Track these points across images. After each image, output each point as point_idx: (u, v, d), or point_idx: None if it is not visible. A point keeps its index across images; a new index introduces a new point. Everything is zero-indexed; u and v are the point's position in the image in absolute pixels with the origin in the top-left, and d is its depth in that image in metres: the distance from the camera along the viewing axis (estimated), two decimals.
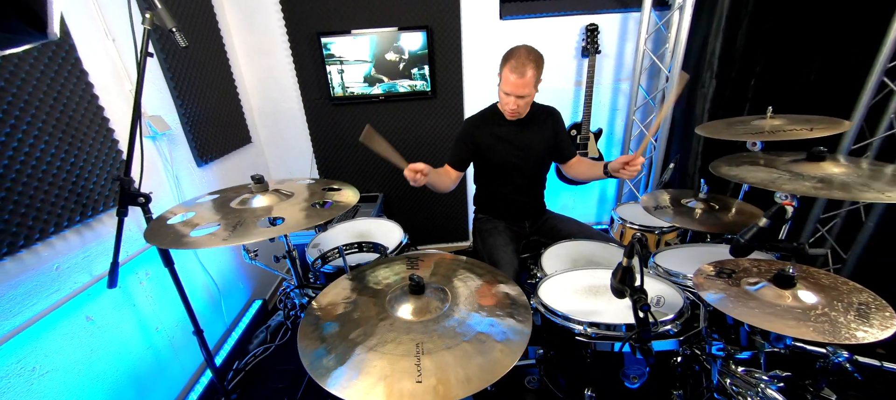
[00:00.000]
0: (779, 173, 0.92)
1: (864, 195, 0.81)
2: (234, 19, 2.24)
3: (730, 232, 1.20)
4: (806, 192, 0.83)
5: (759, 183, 0.88)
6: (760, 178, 0.90)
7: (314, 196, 1.00)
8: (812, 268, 0.79)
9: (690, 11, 2.01)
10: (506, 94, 1.48)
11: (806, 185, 0.86)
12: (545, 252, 1.47)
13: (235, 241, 0.80)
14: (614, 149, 2.72)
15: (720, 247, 1.25)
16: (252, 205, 0.94)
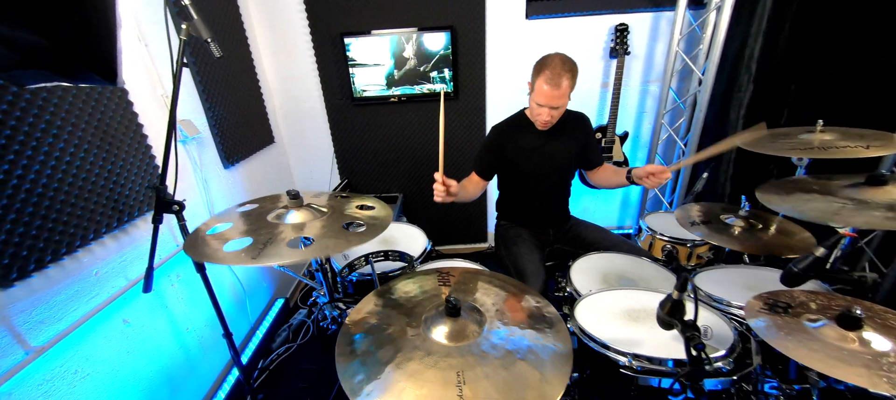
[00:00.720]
0: (840, 203, 0.86)
1: None
2: (258, 18, 2.24)
3: (771, 253, 1.14)
4: (879, 224, 0.78)
5: (820, 217, 0.83)
6: (820, 211, 0.84)
7: (347, 215, 0.99)
8: (877, 306, 0.75)
9: (729, 11, 1.91)
10: (539, 106, 1.44)
11: (877, 216, 0.80)
12: (573, 265, 1.44)
13: (263, 261, 0.79)
14: (640, 152, 2.64)
15: (763, 270, 1.19)
16: (286, 220, 0.93)
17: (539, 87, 1.40)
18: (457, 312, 0.87)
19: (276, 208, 1.00)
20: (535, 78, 1.42)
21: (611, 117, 2.39)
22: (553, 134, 1.60)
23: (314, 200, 1.08)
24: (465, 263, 1.55)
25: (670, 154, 2.55)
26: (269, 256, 0.81)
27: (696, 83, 2.24)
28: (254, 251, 0.82)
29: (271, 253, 0.83)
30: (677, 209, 1.43)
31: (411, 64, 2.29)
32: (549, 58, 1.41)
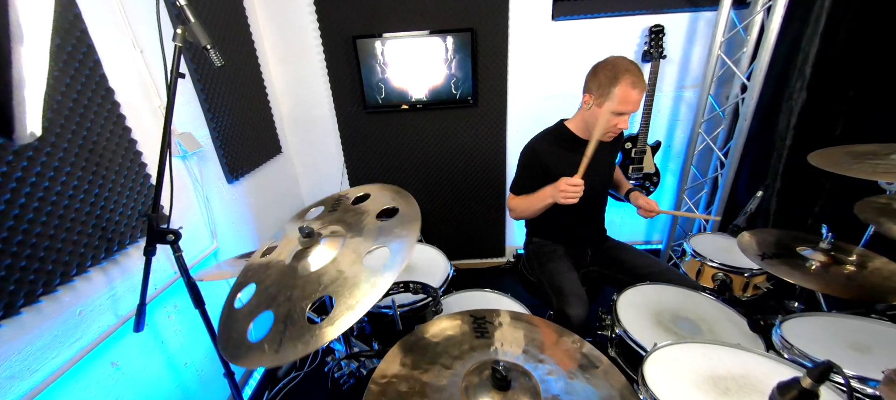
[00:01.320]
0: None
1: None
2: (266, 21, 2.09)
3: (869, 297, 0.97)
4: None
5: None
6: None
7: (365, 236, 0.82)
8: None
9: (782, 10, 1.73)
10: (619, 114, 1.29)
11: None
12: (618, 299, 1.26)
13: (288, 355, 0.63)
14: (673, 162, 2.46)
15: (853, 320, 0.97)
16: (303, 271, 0.77)
17: (623, 94, 1.26)
18: (506, 385, 0.70)
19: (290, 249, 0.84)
20: (610, 86, 1.27)
21: (642, 126, 2.21)
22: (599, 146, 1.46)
23: (327, 224, 0.92)
24: (491, 295, 1.39)
25: (705, 165, 2.36)
26: (291, 347, 0.64)
27: (737, 89, 2.05)
28: (274, 341, 0.66)
29: (297, 338, 0.65)
30: (740, 235, 1.26)
31: (429, 69, 2.13)
32: (619, 61, 1.29)
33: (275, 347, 0.65)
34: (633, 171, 2.34)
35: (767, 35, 1.78)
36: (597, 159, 1.51)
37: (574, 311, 1.30)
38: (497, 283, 2.61)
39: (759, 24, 1.88)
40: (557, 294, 1.40)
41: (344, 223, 0.89)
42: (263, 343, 0.67)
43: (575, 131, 1.49)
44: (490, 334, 0.89)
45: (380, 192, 1.01)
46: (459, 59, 2.10)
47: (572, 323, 1.30)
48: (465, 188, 2.51)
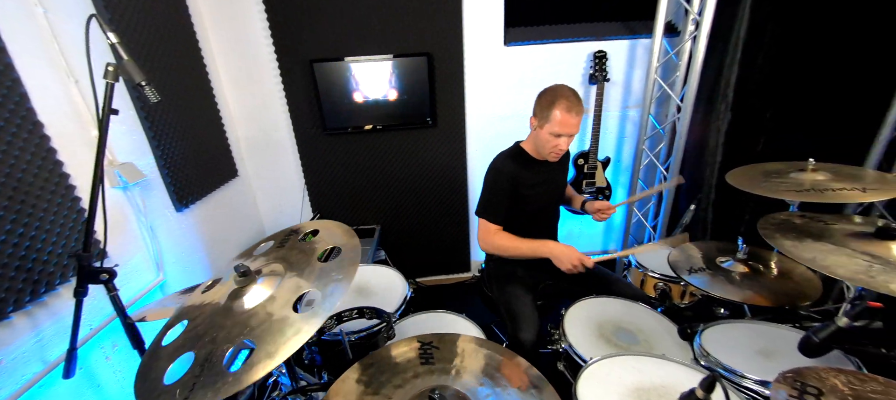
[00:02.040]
0: (864, 261, 0.79)
1: None
2: (220, 46, 2.06)
3: (781, 304, 1.08)
4: None
5: (853, 278, 0.75)
6: (849, 271, 0.76)
7: (306, 282, 0.81)
8: None
9: (705, 40, 1.91)
10: (557, 135, 1.38)
11: None
12: (566, 314, 1.33)
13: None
14: (622, 176, 2.62)
15: (772, 327, 1.06)
16: (242, 306, 0.76)
17: (555, 117, 1.34)
18: None
19: (226, 289, 0.83)
20: (549, 110, 1.35)
21: (592, 143, 2.35)
22: (552, 163, 1.55)
23: (270, 261, 0.91)
24: (447, 316, 1.41)
25: (651, 178, 2.53)
26: (204, 393, 0.62)
27: (674, 109, 2.23)
28: (187, 385, 0.64)
29: (209, 385, 0.63)
30: (673, 252, 1.36)
31: (388, 91, 2.17)
32: (559, 88, 1.39)
33: (185, 393, 0.64)
34: (586, 186, 2.47)
35: (694, 61, 1.96)
36: (548, 178, 1.61)
37: (525, 335, 1.36)
38: (462, 298, 2.65)
39: (688, 51, 2.07)
40: (512, 320, 1.44)
41: (286, 261, 0.89)
42: (176, 387, 0.66)
43: (529, 152, 1.56)
44: (435, 360, 0.92)
45: (330, 229, 1.01)
46: (418, 81, 2.15)
47: (525, 347, 1.35)
48: (429, 206, 2.54)
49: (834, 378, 0.69)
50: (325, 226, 1.02)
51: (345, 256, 0.86)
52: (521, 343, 1.36)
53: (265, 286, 0.81)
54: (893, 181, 1.08)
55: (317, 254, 0.92)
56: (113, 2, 1.37)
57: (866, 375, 0.69)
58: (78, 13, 1.25)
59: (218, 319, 0.77)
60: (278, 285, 0.81)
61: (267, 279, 0.83)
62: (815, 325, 0.78)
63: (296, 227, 1.09)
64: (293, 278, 0.83)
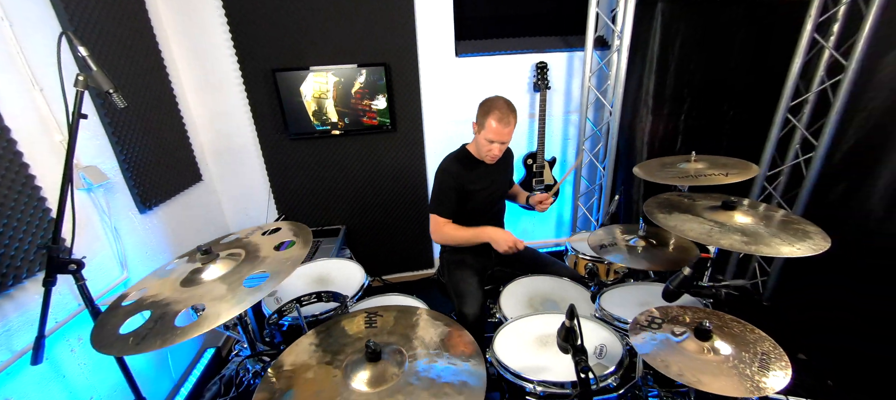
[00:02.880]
0: (709, 225, 1.04)
1: (781, 250, 0.92)
2: (183, 54, 2.15)
3: (672, 268, 1.31)
4: (740, 247, 0.94)
5: (697, 237, 0.99)
6: (697, 233, 1.00)
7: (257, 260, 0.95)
8: (728, 315, 0.90)
9: (626, 54, 2.20)
10: (490, 142, 1.56)
11: (737, 240, 0.96)
12: (504, 291, 1.52)
13: (147, 347, 0.73)
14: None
15: (654, 286, 1.35)
16: (199, 281, 0.89)
17: (490, 125, 1.52)
18: (377, 357, 0.89)
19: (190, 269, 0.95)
20: (485, 118, 1.53)
21: (539, 144, 2.59)
22: (494, 164, 1.74)
23: (232, 248, 1.05)
24: (403, 299, 1.57)
25: (593, 175, 2.81)
26: (154, 339, 0.75)
27: (607, 114, 2.52)
28: (140, 335, 0.77)
29: (158, 335, 0.76)
30: (591, 234, 1.59)
31: (349, 98, 2.32)
32: (495, 100, 1.56)
33: (138, 340, 0.76)
34: (536, 184, 2.71)
35: (618, 72, 2.25)
36: (491, 177, 1.81)
37: (468, 309, 1.54)
38: (427, 292, 2.80)
39: (616, 63, 2.36)
40: (458, 297, 1.62)
41: (246, 249, 1.03)
42: (129, 336, 0.78)
43: (474, 154, 1.76)
44: (378, 325, 1.07)
45: (288, 228, 1.15)
46: (377, 89, 2.32)
47: (468, 320, 1.53)
48: (392, 206, 2.70)
49: (676, 311, 0.91)
50: (285, 225, 1.17)
51: (294, 250, 1.00)
52: (465, 317, 1.54)
53: (222, 266, 0.95)
54: (749, 168, 1.36)
55: (273, 245, 1.05)
56: (76, 15, 1.46)
57: (698, 309, 0.92)
58: (42, 26, 1.34)
59: (176, 290, 0.90)
60: (234, 268, 0.94)
61: (224, 261, 0.97)
62: (672, 277, 1.00)
63: (262, 226, 1.23)
64: (248, 263, 0.96)
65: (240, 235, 1.16)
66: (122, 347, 0.75)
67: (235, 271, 0.92)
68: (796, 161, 2.21)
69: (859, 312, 1.90)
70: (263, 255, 0.99)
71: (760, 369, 0.76)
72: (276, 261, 0.94)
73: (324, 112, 2.33)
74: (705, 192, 1.38)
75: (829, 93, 2.00)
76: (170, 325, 0.78)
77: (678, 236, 1.19)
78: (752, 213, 1.09)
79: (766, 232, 1.00)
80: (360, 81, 2.29)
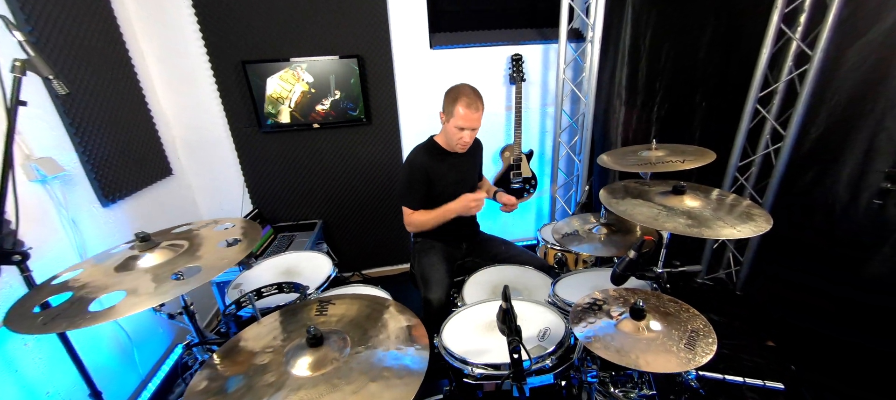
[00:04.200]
0: (658, 209, 1.04)
1: (723, 231, 0.93)
2: (151, 48, 2.11)
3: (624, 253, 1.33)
4: (683, 230, 0.95)
5: (646, 220, 0.99)
6: (646, 216, 1.01)
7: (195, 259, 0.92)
8: (666, 296, 0.91)
9: (599, 45, 2.21)
10: (460, 129, 1.55)
11: (681, 223, 0.97)
12: (468, 280, 1.52)
13: (54, 327, 0.71)
14: (546, 167, 2.88)
15: (604, 272, 1.36)
16: (130, 267, 0.87)
17: (458, 112, 1.52)
18: (319, 342, 0.88)
19: (128, 255, 0.94)
20: (452, 106, 1.53)
21: (516, 138, 2.59)
22: (463, 155, 1.74)
23: (179, 238, 1.03)
24: (365, 290, 1.57)
25: (571, 168, 2.82)
26: (61, 322, 0.72)
27: (583, 105, 2.52)
28: (50, 315, 0.75)
29: (68, 317, 0.74)
30: (557, 223, 1.59)
31: (322, 91, 2.30)
32: (461, 87, 1.57)
33: (47, 320, 0.75)
34: (514, 177, 2.71)
35: (592, 64, 2.25)
36: (463, 169, 1.81)
37: (433, 295, 1.54)
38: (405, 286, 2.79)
39: (590, 54, 2.36)
40: (424, 284, 1.63)
41: (192, 242, 1.01)
42: (40, 316, 0.77)
43: (441, 144, 1.76)
44: (328, 312, 1.07)
45: (243, 225, 1.14)
46: (351, 81, 2.30)
47: (433, 306, 1.53)
48: (369, 201, 2.69)
49: (616, 294, 0.91)
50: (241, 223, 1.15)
51: (238, 248, 0.98)
52: (429, 303, 1.54)
53: (160, 255, 0.93)
54: (705, 154, 1.38)
55: (219, 240, 1.03)
56: (29, 3, 1.43)
57: (643, 291, 0.92)
58: None
59: (112, 273, 0.88)
60: (171, 259, 0.93)
61: (165, 250, 0.95)
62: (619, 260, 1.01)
63: (217, 220, 1.21)
64: (186, 255, 0.95)
65: (194, 226, 1.14)
66: (29, 325, 0.74)
67: (170, 263, 0.90)
68: (766, 151, 2.23)
69: (826, 297, 1.93)
70: (204, 250, 0.97)
71: (687, 347, 0.77)
72: (214, 257, 0.93)
73: (296, 104, 2.31)
74: (665, 179, 1.40)
75: (797, 83, 2.02)
76: (83, 309, 0.77)
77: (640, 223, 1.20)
78: (703, 198, 1.10)
79: (711, 215, 1.01)
80: (327, 100, 2.27)
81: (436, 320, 1.54)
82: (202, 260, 0.91)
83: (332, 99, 2.31)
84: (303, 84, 2.25)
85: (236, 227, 1.10)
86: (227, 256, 0.92)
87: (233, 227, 1.10)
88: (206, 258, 0.92)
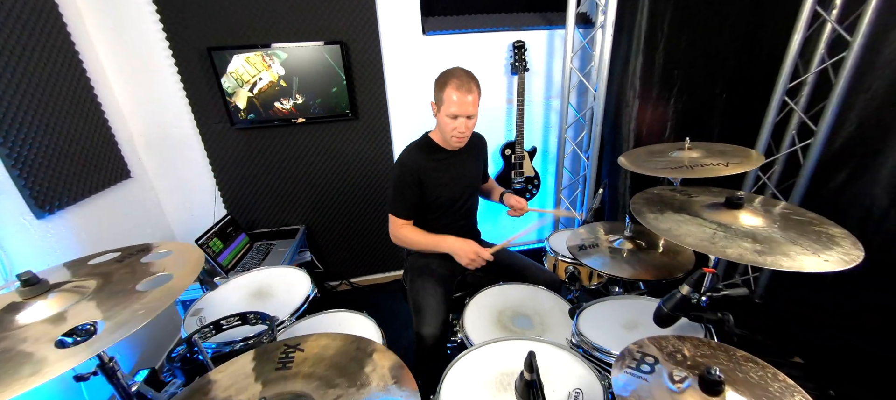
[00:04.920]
0: (711, 228, 0.82)
1: (804, 262, 0.71)
2: (100, 33, 1.83)
3: (662, 276, 1.11)
4: (750, 259, 0.73)
5: (698, 245, 0.77)
6: (697, 238, 0.79)
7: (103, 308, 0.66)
8: (740, 352, 0.69)
9: (611, 31, 1.98)
10: (454, 118, 1.33)
11: (747, 249, 0.75)
12: (469, 303, 1.30)
13: None
14: (550, 165, 2.66)
15: (650, 302, 1.13)
16: (13, 322, 0.63)
17: (450, 97, 1.30)
18: None
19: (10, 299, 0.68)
20: (443, 91, 1.32)
21: (518, 133, 2.37)
22: (462, 152, 1.51)
23: (87, 275, 0.77)
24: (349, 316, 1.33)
25: (577, 166, 2.60)
26: None
27: (591, 98, 2.30)
28: None
29: None
30: (570, 233, 1.38)
31: (303, 81, 2.04)
32: (451, 70, 1.36)
33: None
34: (515, 176, 2.49)
35: (603, 51, 2.03)
36: (463, 168, 1.58)
37: (427, 330, 1.31)
38: (397, 296, 2.57)
39: (600, 42, 2.13)
40: (417, 314, 1.40)
41: (107, 279, 0.76)
42: None
43: (437, 141, 1.52)
44: (292, 365, 0.84)
45: (181, 250, 0.88)
46: (332, 71, 2.05)
47: (426, 342, 1.31)
48: (357, 203, 2.44)
49: (672, 344, 0.69)
50: (183, 249, 0.90)
51: (171, 285, 0.73)
52: (422, 338, 1.32)
53: (54, 303, 0.68)
54: (750, 156, 1.16)
55: (147, 276, 0.78)
56: None
57: (701, 341, 0.70)
58: None
59: None
60: (69, 305, 0.68)
61: (63, 295, 0.70)
62: (666, 296, 0.79)
63: (150, 244, 0.95)
64: (91, 300, 0.70)
65: (120, 253, 0.89)
66: None
67: (60, 318, 0.65)
68: (793, 148, 2.03)
69: (863, 309, 1.75)
70: (116, 291, 0.72)
71: None
72: (129, 303, 0.68)
73: (272, 96, 2.04)
74: (698, 185, 1.18)
75: (831, 73, 1.81)
76: None
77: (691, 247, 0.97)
78: (764, 212, 0.88)
79: (781, 237, 0.80)
80: (313, 61, 2.01)
81: (430, 358, 1.32)
82: (111, 309, 0.67)
83: (294, 101, 2.04)
84: (271, 74, 1.98)
85: (174, 255, 0.85)
86: (146, 303, 0.67)
87: (169, 255, 0.85)
88: (116, 306, 0.67)
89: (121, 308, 0.66)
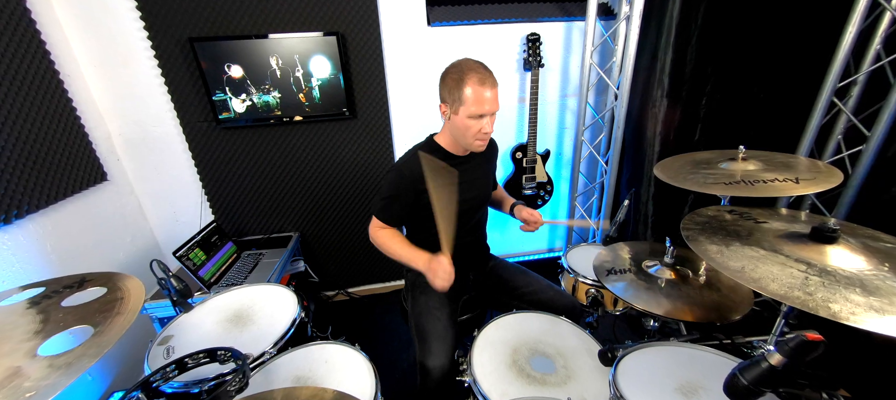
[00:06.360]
0: (801, 272, 0.61)
1: None
2: (71, 22, 1.66)
3: (714, 319, 0.91)
4: (864, 320, 0.53)
5: (788, 296, 0.56)
6: (783, 286, 0.56)
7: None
8: None
9: (638, 22, 1.77)
10: (477, 118, 1.14)
11: (860, 303, 0.52)
12: (478, 338, 1.11)
13: None
14: (564, 171, 2.46)
15: (702, 353, 0.89)
16: None
17: (472, 94, 1.11)
18: None
19: None
20: (460, 88, 1.13)
21: (530, 135, 2.17)
22: (472, 159, 1.33)
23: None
24: (339, 350, 1.15)
25: (593, 171, 2.40)
26: None
27: (612, 97, 2.09)
28: None
29: None
30: (599, 253, 1.18)
31: (297, 76, 1.86)
32: (462, 63, 1.16)
33: None
34: (527, 181, 2.29)
35: (628, 45, 1.82)
36: (472, 174, 1.39)
37: (433, 361, 1.14)
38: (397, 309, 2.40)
39: (624, 35, 1.93)
40: (420, 341, 1.22)
41: (2, 334, 0.58)
42: None
43: (445, 147, 1.33)
44: None
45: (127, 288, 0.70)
46: (329, 66, 1.86)
47: (432, 376, 1.13)
48: (355, 208, 2.26)
49: None
50: (122, 286, 0.71)
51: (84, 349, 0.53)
52: (427, 372, 1.14)
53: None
54: (826, 170, 0.95)
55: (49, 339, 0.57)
56: None
57: None
58: None
59: None
60: None
61: None
62: (744, 362, 0.60)
63: (87, 276, 0.77)
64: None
65: (45, 287, 0.70)
66: None
67: None
68: (839, 155, 1.81)
69: None
70: (6, 352, 0.53)
71: None
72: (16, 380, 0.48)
73: (259, 93, 1.86)
74: (744, 204, 0.98)
75: (888, 71, 1.60)
76: None
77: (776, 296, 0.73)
78: (863, 249, 0.68)
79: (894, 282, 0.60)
80: (304, 53, 1.82)
81: (437, 396, 1.15)
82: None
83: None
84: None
85: (104, 296, 0.66)
86: (48, 375, 0.48)
87: (104, 294, 0.67)
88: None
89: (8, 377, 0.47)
